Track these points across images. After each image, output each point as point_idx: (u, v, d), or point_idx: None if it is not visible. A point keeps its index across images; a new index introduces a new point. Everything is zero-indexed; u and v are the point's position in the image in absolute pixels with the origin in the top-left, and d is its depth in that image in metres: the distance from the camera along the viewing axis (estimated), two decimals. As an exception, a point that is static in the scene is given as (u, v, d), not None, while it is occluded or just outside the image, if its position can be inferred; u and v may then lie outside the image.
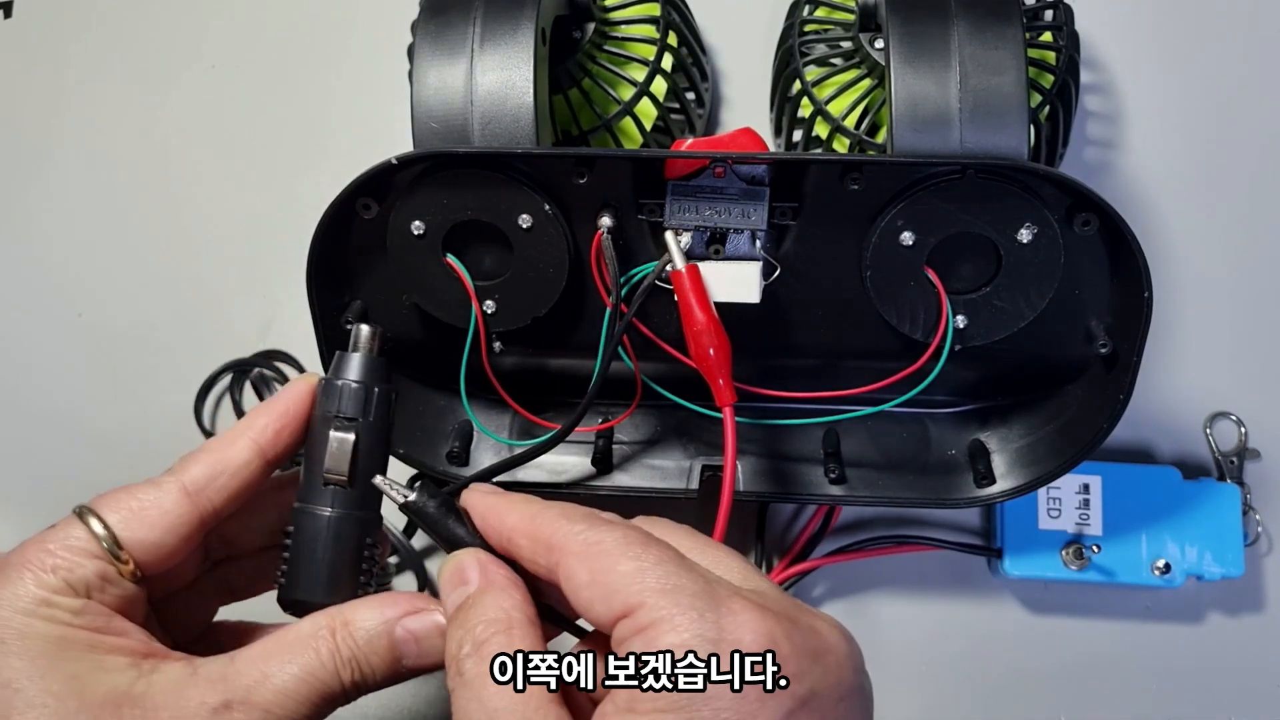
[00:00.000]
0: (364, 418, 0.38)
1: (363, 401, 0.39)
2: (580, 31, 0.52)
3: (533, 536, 0.34)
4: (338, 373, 0.39)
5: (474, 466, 0.50)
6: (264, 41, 0.64)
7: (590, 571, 0.32)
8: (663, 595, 0.30)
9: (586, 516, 0.34)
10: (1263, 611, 0.53)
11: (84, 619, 0.34)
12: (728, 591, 0.31)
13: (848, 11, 0.55)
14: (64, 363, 0.60)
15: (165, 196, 0.62)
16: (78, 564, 0.35)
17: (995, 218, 0.42)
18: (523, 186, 0.43)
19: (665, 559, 0.32)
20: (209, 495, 0.37)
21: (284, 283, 0.57)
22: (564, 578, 0.32)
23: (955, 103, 0.42)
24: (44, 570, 0.35)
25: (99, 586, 0.35)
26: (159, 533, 0.36)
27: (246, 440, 0.38)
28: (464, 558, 0.35)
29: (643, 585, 0.31)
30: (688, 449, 0.51)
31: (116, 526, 0.36)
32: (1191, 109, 0.59)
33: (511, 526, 0.35)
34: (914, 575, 0.54)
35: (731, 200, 0.43)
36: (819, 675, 0.31)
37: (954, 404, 0.51)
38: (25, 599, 0.34)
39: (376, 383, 0.39)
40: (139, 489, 0.37)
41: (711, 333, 0.42)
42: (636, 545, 0.32)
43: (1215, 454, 0.54)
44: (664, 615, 0.30)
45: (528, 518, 0.34)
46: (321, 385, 0.39)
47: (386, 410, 0.39)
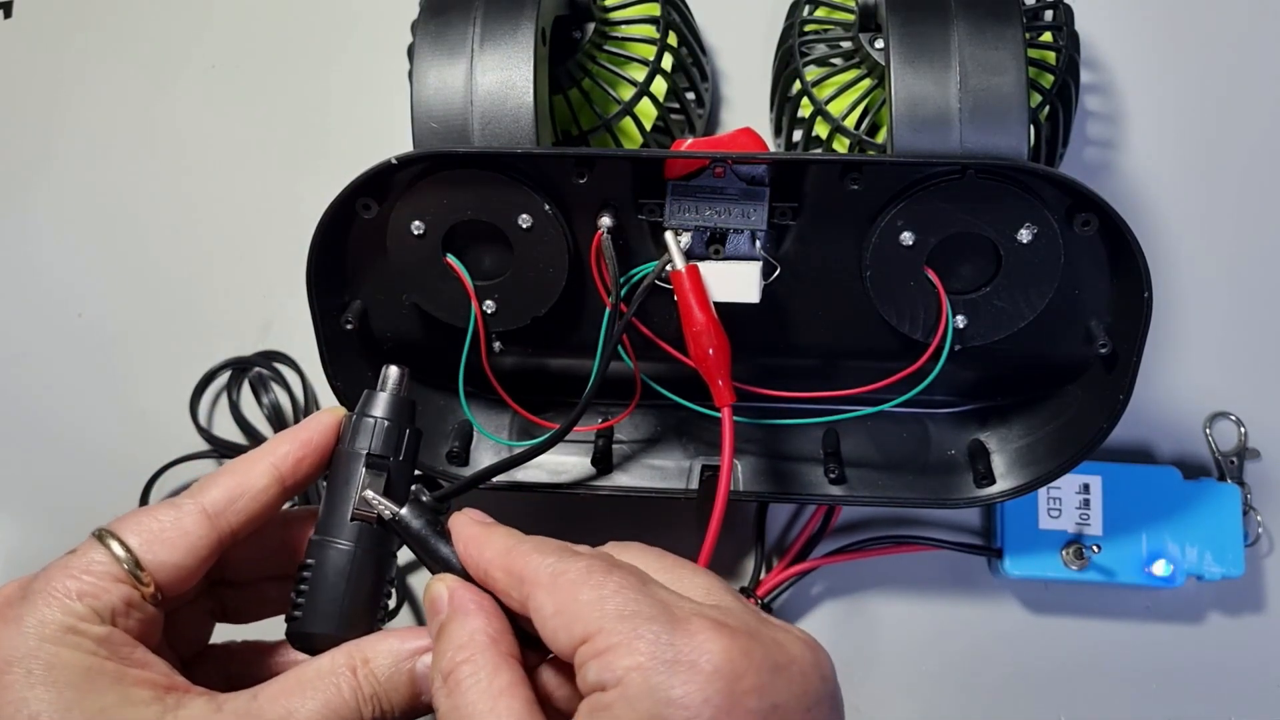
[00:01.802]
0: (395, 457, 0.38)
1: (395, 441, 0.39)
2: (580, 31, 0.52)
3: (506, 570, 0.35)
4: (367, 409, 0.39)
5: (474, 466, 0.50)
6: (264, 41, 0.64)
7: (555, 602, 0.33)
8: (620, 620, 0.31)
9: (558, 549, 0.34)
10: (1263, 611, 0.53)
11: (110, 648, 0.34)
12: (687, 612, 0.32)
13: (848, 11, 0.55)
14: (64, 363, 0.60)
15: (165, 196, 0.62)
16: (103, 589, 0.34)
17: (995, 218, 0.42)
18: (523, 186, 0.43)
19: (625, 586, 0.32)
20: (227, 518, 0.37)
21: (284, 283, 0.57)
22: (533, 610, 0.33)
23: (955, 103, 0.42)
24: (70, 597, 0.34)
25: (123, 612, 0.35)
26: (180, 554, 0.36)
27: (267, 465, 0.38)
28: (434, 586, 0.36)
29: (602, 612, 0.32)
30: (687, 449, 0.51)
31: (138, 549, 0.36)
32: (1191, 109, 0.59)
33: (489, 560, 0.35)
34: (914, 575, 0.54)
35: (731, 200, 0.43)
36: (782, 687, 0.31)
37: (954, 404, 0.51)
38: (52, 626, 0.33)
39: (405, 424, 0.39)
40: (158, 510, 0.37)
41: (711, 333, 0.42)
42: (599, 574, 0.33)
43: (1215, 454, 0.54)
44: (620, 640, 0.31)
45: (503, 551, 0.35)
46: (350, 420, 0.39)
47: (414, 453, 0.39)
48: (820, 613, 0.54)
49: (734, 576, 0.54)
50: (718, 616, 0.32)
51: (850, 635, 0.53)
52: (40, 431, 0.59)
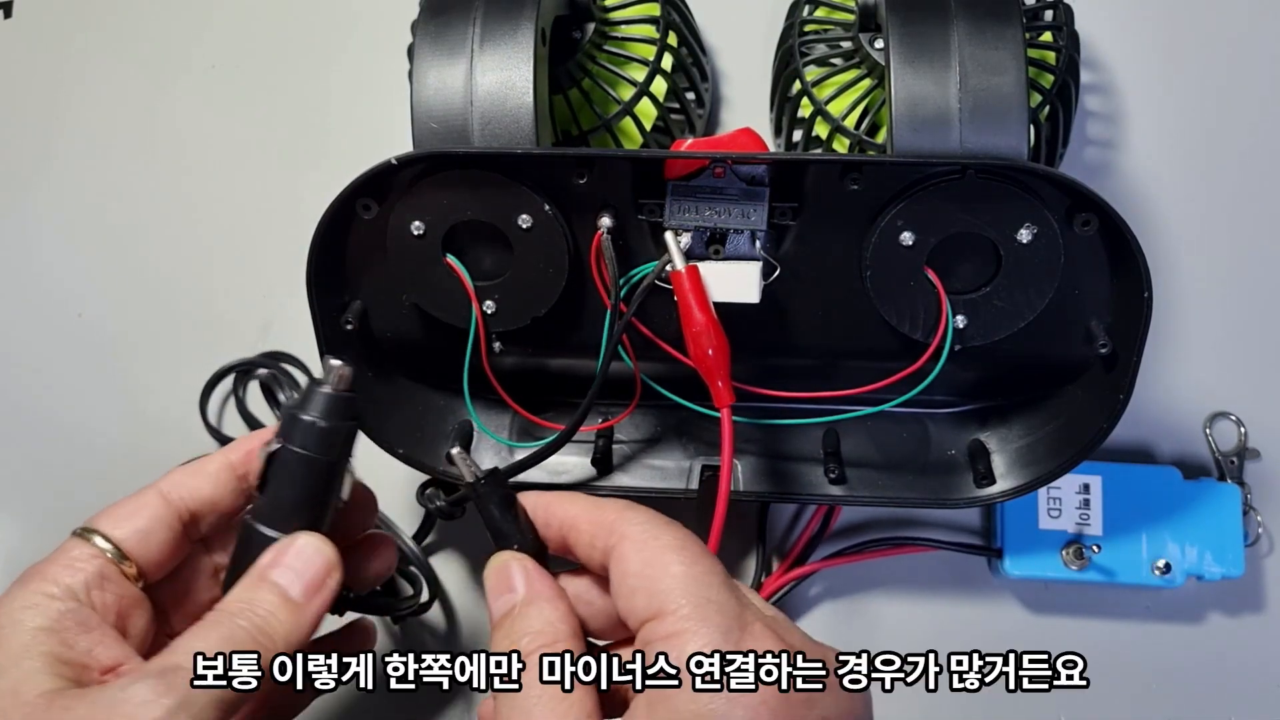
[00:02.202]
0: (291, 444, 0.38)
1: (331, 440, 0.38)
2: (580, 32, 0.52)
3: (594, 520, 0.36)
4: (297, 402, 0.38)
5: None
6: (264, 41, 0.64)
7: (643, 562, 0.34)
8: (696, 607, 0.32)
9: (648, 513, 0.36)
10: (1263, 611, 0.53)
11: (60, 624, 0.35)
12: (754, 617, 0.33)
13: (848, 11, 0.55)
14: (64, 363, 0.60)
15: (165, 196, 0.62)
16: (79, 565, 0.37)
17: (995, 218, 0.42)
18: (523, 186, 0.43)
19: (713, 571, 0.34)
20: (182, 496, 0.39)
21: (284, 283, 0.57)
22: (615, 560, 0.34)
23: (955, 103, 0.42)
24: (44, 577, 0.36)
25: (98, 584, 0.36)
26: (155, 536, 0.38)
27: (222, 458, 0.40)
28: (511, 562, 0.37)
29: (684, 590, 0.33)
30: (687, 449, 0.51)
31: (118, 538, 0.38)
32: (1191, 109, 0.59)
33: (575, 514, 0.37)
34: (914, 576, 0.54)
35: (731, 200, 0.43)
36: (830, 702, 0.32)
37: (954, 404, 0.51)
38: (18, 601, 0.36)
39: (332, 419, 0.38)
40: (124, 502, 0.39)
41: (710, 333, 0.42)
42: (692, 550, 0.34)
43: (1215, 454, 0.54)
44: (689, 628, 0.32)
45: (591, 505, 0.36)
46: (287, 415, 0.38)
47: (349, 449, 0.39)
48: (820, 613, 0.54)
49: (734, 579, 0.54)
50: (777, 628, 0.33)
51: (850, 636, 0.53)
52: (40, 431, 0.59)
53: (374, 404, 0.48)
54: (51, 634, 0.35)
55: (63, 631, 0.35)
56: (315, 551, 0.37)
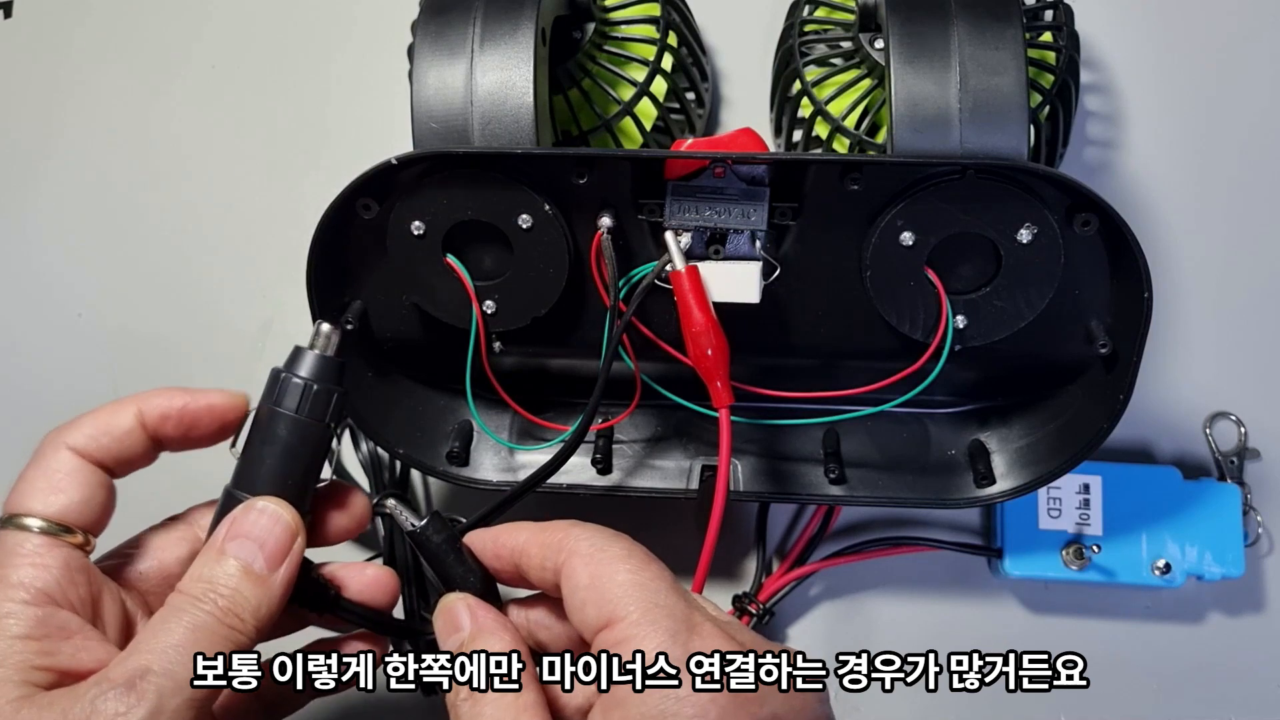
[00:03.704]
0: (275, 404, 0.37)
1: (324, 406, 0.38)
2: (580, 32, 0.52)
3: (542, 543, 0.36)
4: (295, 368, 0.38)
5: (474, 466, 0.50)
6: (264, 41, 0.64)
7: (591, 574, 0.34)
8: (645, 611, 0.33)
9: (595, 528, 0.36)
10: (1263, 611, 0.53)
11: (51, 622, 0.34)
12: (703, 618, 0.34)
13: (848, 11, 0.55)
14: (64, 363, 0.60)
15: (165, 196, 0.62)
16: (41, 566, 0.35)
17: (995, 218, 0.42)
18: (523, 186, 0.43)
19: (660, 576, 0.34)
20: (94, 454, 0.37)
21: (284, 283, 0.57)
22: (565, 577, 0.35)
23: (955, 103, 0.42)
24: (12, 585, 0.34)
25: (69, 579, 0.35)
26: (93, 501, 0.37)
27: (133, 408, 0.38)
28: (456, 603, 0.37)
29: (631, 598, 0.33)
30: (687, 449, 0.51)
31: (47, 512, 0.36)
32: (1191, 109, 0.59)
33: (523, 540, 0.37)
34: (914, 576, 0.54)
35: (731, 200, 0.43)
36: (781, 700, 0.33)
37: (954, 404, 0.51)
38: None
39: (322, 382, 0.38)
40: (32, 471, 0.37)
41: (710, 334, 0.42)
42: (637, 560, 0.35)
43: (1215, 454, 0.54)
44: (638, 632, 0.33)
45: (538, 529, 0.37)
46: (278, 377, 0.38)
47: (340, 417, 0.38)
48: (820, 613, 0.54)
49: (734, 579, 0.54)
50: (727, 629, 0.34)
51: (850, 635, 0.53)
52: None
53: (374, 404, 0.48)
54: (31, 642, 0.34)
55: (43, 639, 0.34)
56: (273, 518, 0.36)
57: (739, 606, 0.52)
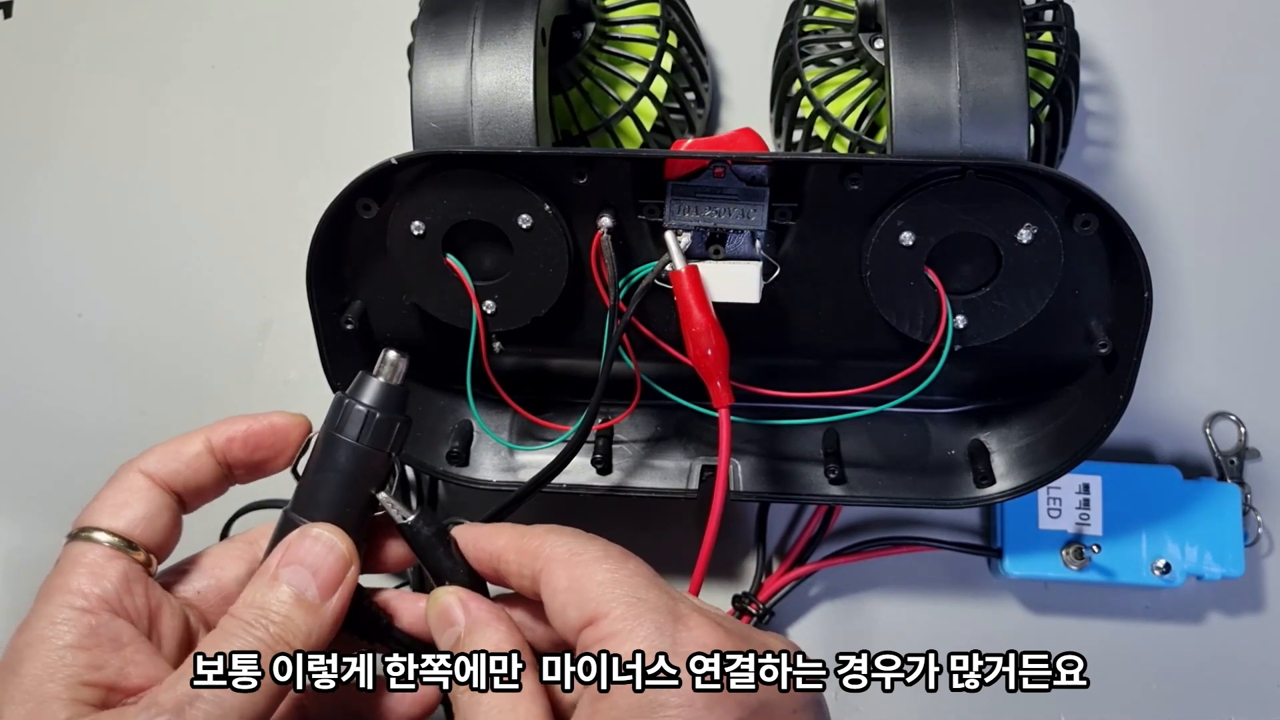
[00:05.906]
0: (338, 431, 0.37)
1: (386, 433, 0.38)
2: (580, 32, 0.52)
3: (520, 549, 0.36)
4: (360, 395, 0.38)
5: (474, 466, 0.50)
6: (263, 41, 0.64)
7: (570, 577, 0.34)
8: (628, 606, 0.33)
9: (572, 532, 0.36)
10: (1263, 611, 0.53)
11: (104, 632, 0.34)
12: (688, 609, 0.34)
13: (848, 11, 0.55)
14: (64, 363, 0.60)
15: (165, 196, 0.62)
16: (101, 574, 0.35)
17: (995, 218, 0.42)
18: (523, 186, 0.43)
19: (639, 572, 0.34)
20: (165, 478, 0.38)
21: (284, 283, 0.57)
22: (544, 582, 0.35)
23: (955, 103, 0.42)
24: (70, 592, 0.34)
25: (126, 589, 0.35)
26: (158, 520, 0.37)
27: (202, 437, 0.39)
28: (447, 598, 0.37)
29: (613, 595, 0.33)
30: (687, 449, 0.51)
31: (121, 530, 0.36)
32: (1192, 109, 0.59)
33: (502, 545, 0.37)
34: (914, 576, 0.54)
35: (731, 200, 0.43)
36: (772, 691, 0.33)
37: (954, 404, 0.51)
38: (49, 616, 0.34)
39: (386, 410, 0.38)
40: (110, 492, 0.37)
41: (710, 334, 0.42)
42: (615, 558, 0.34)
43: (1215, 454, 0.54)
44: (624, 628, 0.32)
45: (517, 535, 0.37)
46: (341, 403, 0.38)
47: (402, 443, 0.38)
48: (820, 613, 0.54)
49: (734, 579, 0.54)
50: (714, 617, 0.34)
51: (850, 635, 0.53)
52: (40, 432, 0.59)
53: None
54: (81, 652, 0.33)
55: (94, 650, 0.33)
56: (327, 545, 0.36)
57: (739, 606, 0.52)
